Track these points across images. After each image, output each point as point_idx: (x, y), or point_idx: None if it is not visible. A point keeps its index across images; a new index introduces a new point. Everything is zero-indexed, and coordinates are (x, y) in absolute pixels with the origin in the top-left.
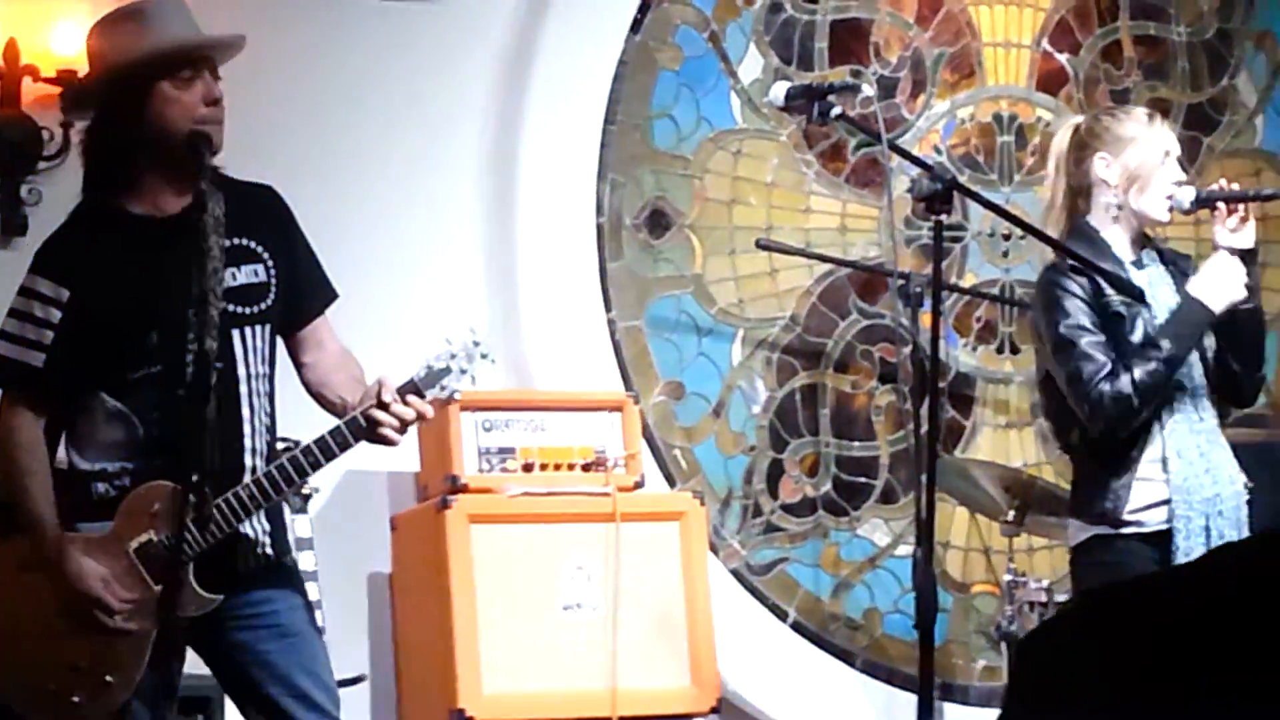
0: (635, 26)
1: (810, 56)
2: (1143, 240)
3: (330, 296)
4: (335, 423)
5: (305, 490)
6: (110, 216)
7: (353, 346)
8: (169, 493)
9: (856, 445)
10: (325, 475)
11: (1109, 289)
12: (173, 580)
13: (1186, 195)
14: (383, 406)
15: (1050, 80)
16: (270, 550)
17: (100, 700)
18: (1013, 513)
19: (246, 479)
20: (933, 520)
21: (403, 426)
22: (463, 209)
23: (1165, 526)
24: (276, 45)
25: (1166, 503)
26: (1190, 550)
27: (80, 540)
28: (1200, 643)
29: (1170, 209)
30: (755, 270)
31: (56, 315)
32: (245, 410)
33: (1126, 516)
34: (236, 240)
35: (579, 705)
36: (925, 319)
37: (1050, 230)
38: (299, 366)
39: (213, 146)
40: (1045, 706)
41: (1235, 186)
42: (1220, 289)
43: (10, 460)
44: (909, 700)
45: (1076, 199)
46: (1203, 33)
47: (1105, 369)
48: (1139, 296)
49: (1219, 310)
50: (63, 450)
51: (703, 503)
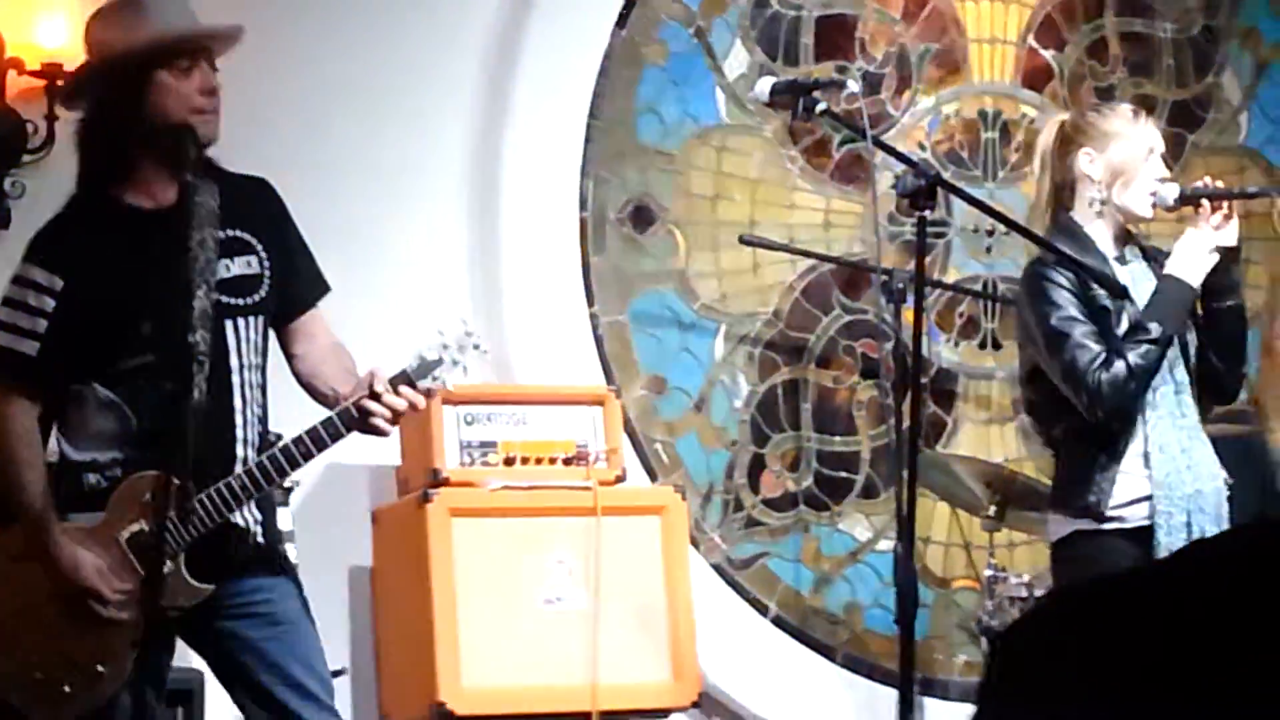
0: (621, 21)
1: (796, 52)
2: (1125, 236)
3: (323, 289)
4: (326, 414)
5: (286, 483)
6: (105, 206)
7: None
8: (160, 483)
9: (838, 440)
10: (306, 468)
11: (1094, 285)
12: (155, 571)
13: (1170, 192)
14: (375, 397)
15: (1035, 77)
16: (262, 539)
17: (92, 690)
18: (994, 508)
19: (238, 469)
20: (914, 515)
21: (395, 417)
22: (447, 203)
23: (1147, 522)
24: (261, 40)
25: (1148, 499)
26: (1172, 546)
27: (74, 530)
28: (1180, 637)
29: (1154, 205)
30: (738, 266)
31: (50, 304)
32: (238, 401)
33: (1109, 512)
34: (230, 232)
35: (559, 699)
36: (908, 315)
37: (1036, 227)
38: (290, 358)
39: (201, 139)
40: (1020, 703)
41: (1219, 184)
42: (1193, 263)
43: (4, 450)
44: (890, 695)
45: (1061, 195)
46: (1188, 30)
47: (1100, 357)
48: (1123, 293)
49: (1196, 284)
50: (54, 441)
51: (684, 497)
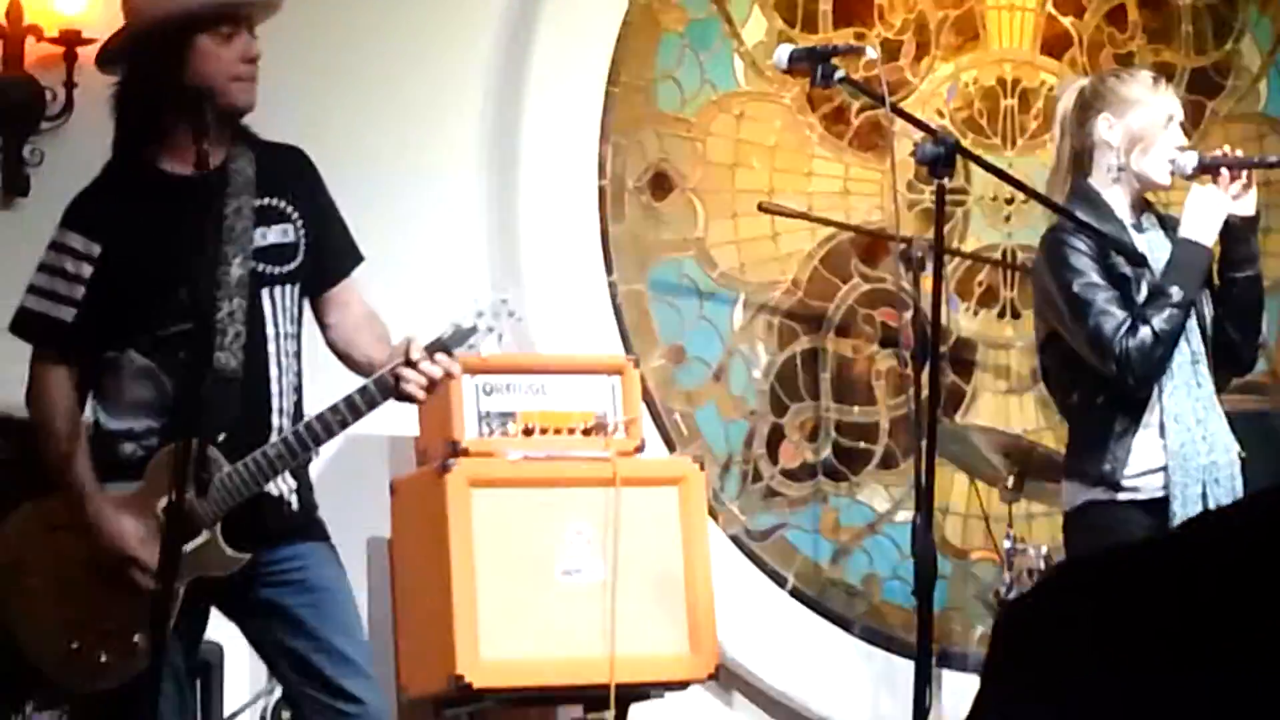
0: None
1: (814, 19)
2: (1142, 204)
3: (356, 258)
4: (358, 383)
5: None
6: (142, 172)
7: None
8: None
9: (857, 410)
10: None
11: (1113, 252)
12: (176, 541)
13: (1189, 160)
14: (411, 365)
15: (1054, 44)
16: (298, 505)
17: (128, 660)
18: (1012, 479)
19: (274, 438)
20: (932, 486)
21: (430, 385)
22: (465, 171)
23: (1162, 493)
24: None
25: (1163, 469)
26: (1187, 517)
27: (113, 499)
28: (1194, 607)
29: (1172, 173)
30: (757, 234)
31: (88, 270)
32: (274, 369)
33: (1124, 482)
34: (266, 200)
35: (577, 671)
36: (927, 283)
37: (1054, 193)
38: (324, 327)
39: (239, 106)
40: (1029, 676)
41: (1239, 153)
42: (1206, 222)
43: (44, 417)
44: (907, 666)
45: (1079, 160)
46: None
47: (1126, 324)
48: (1142, 261)
49: (1210, 243)
50: (90, 410)
51: (702, 467)
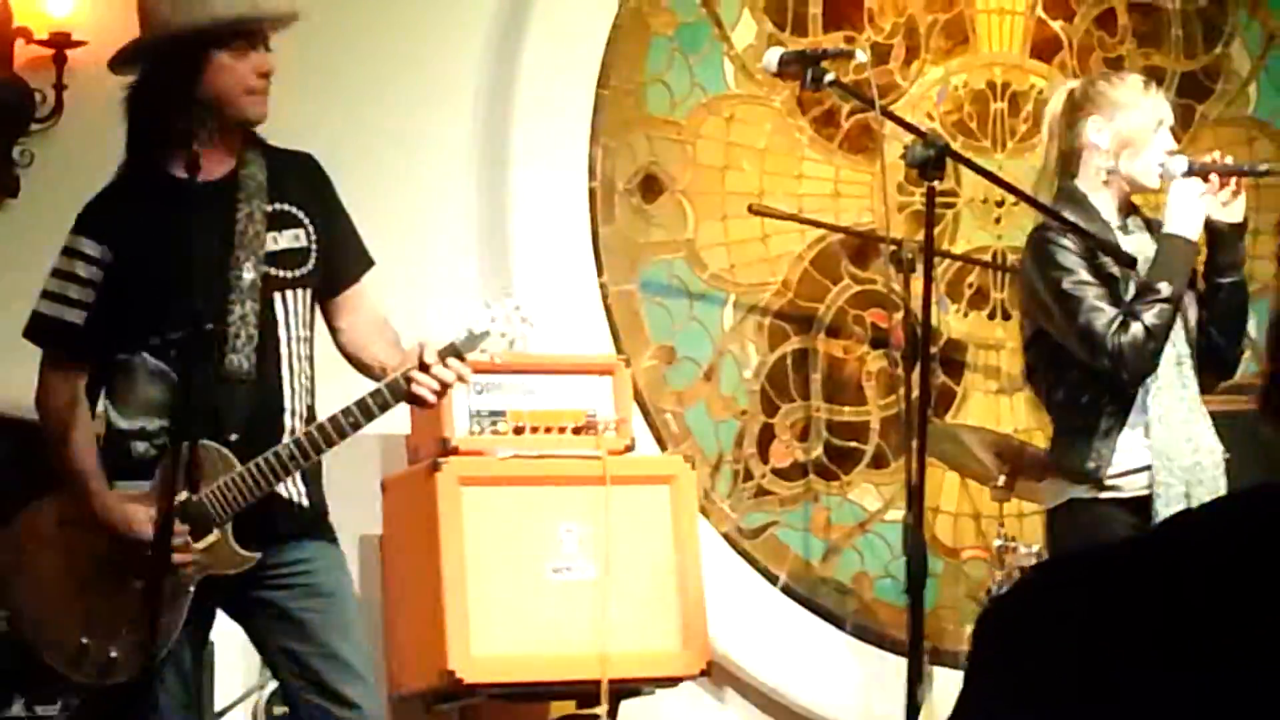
0: None
1: (804, 22)
2: (1129, 207)
3: (367, 263)
4: (369, 386)
5: None
6: (154, 178)
7: None
8: (208, 452)
9: (847, 410)
10: None
11: (1100, 253)
12: (164, 535)
13: (1178, 165)
14: (424, 368)
15: (1044, 47)
16: (308, 505)
17: (136, 657)
18: (1003, 478)
19: (286, 440)
20: (923, 485)
21: (442, 389)
22: (456, 173)
23: (1145, 493)
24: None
25: (1147, 469)
26: None
27: (123, 496)
28: (1178, 604)
29: (1161, 176)
30: (747, 235)
31: (99, 275)
32: (285, 372)
33: (1108, 481)
34: (278, 205)
35: (568, 668)
36: (917, 285)
37: (1042, 193)
38: (335, 331)
39: (251, 118)
40: (1009, 676)
41: (1229, 159)
42: (1188, 216)
43: (51, 416)
44: (898, 664)
45: (1067, 162)
46: (1197, 0)
47: (1117, 320)
48: (1131, 263)
49: (1195, 236)
50: (102, 410)
51: (693, 466)
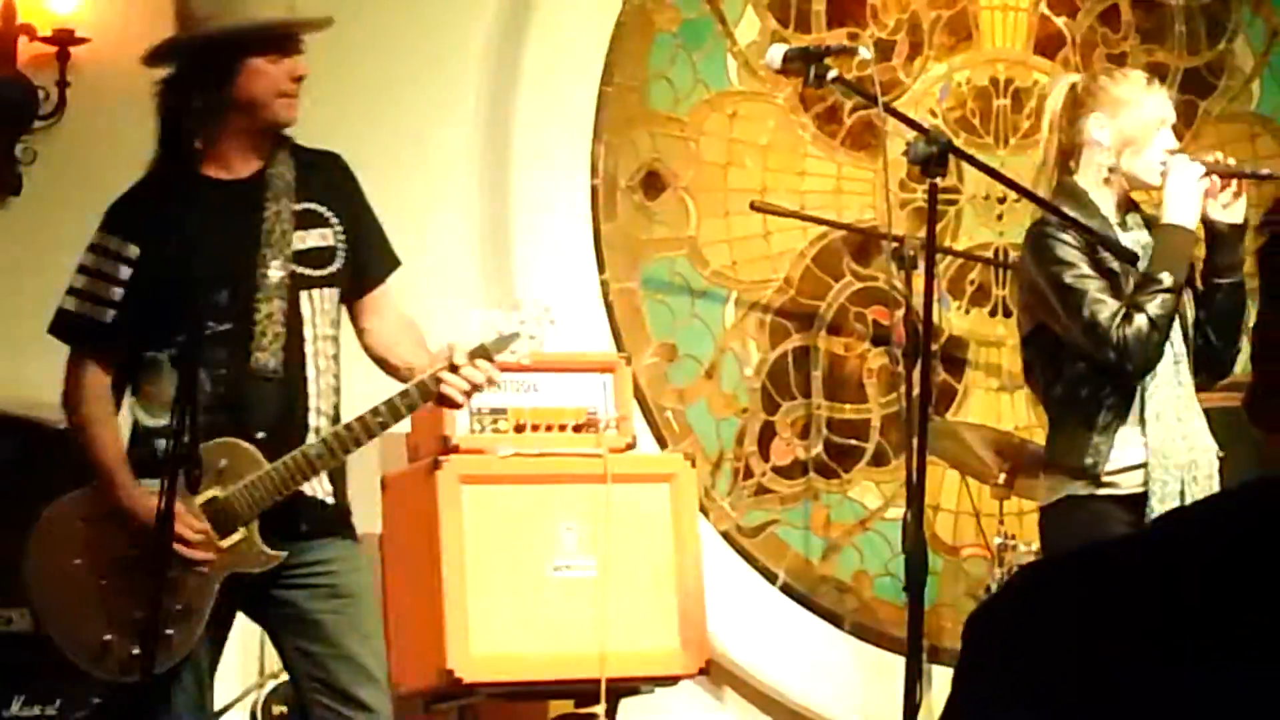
0: None
1: (807, 19)
2: (1129, 204)
3: (394, 263)
4: (401, 386)
5: None
6: (182, 177)
7: None
8: (235, 449)
9: (848, 408)
10: None
11: (1100, 249)
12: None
13: (1187, 167)
14: (453, 369)
15: (1047, 44)
16: (333, 503)
17: (162, 653)
18: (1003, 476)
19: (311, 439)
20: (923, 483)
21: (472, 390)
22: (458, 169)
23: (1141, 490)
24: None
25: (1143, 466)
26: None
27: (149, 492)
28: (1166, 605)
29: (1162, 174)
30: (749, 232)
31: (126, 272)
32: (311, 370)
33: (1104, 477)
34: (306, 205)
35: (568, 666)
36: (918, 282)
37: (1041, 188)
38: (360, 331)
39: (282, 121)
40: (999, 678)
41: (1231, 160)
42: (1185, 205)
43: (79, 412)
44: (897, 662)
45: (1067, 158)
46: None
47: (1121, 312)
48: (1133, 259)
49: (1193, 225)
50: (128, 409)
51: (694, 464)
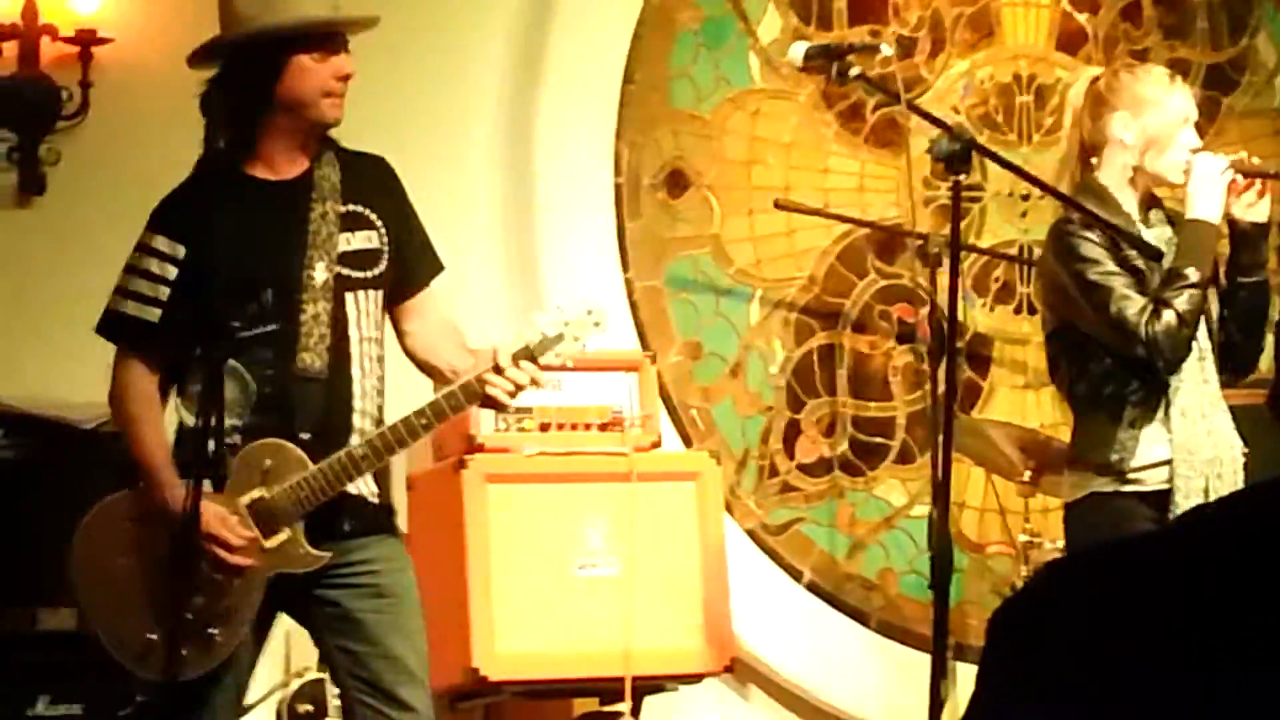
0: None
1: (829, 16)
2: (1151, 201)
3: (438, 267)
4: (445, 388)
5: None
6: (229, 177)
7: None
8: (280, 450)
9: (873, 405)
10: None
11: (1125, 246)
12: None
13: (1214, 164)
14: (498, 371)
15: (1069, 40)
16: (378, 500)
17: (205, 654)
18: (1029, 473)
19: (355, 440)
20: (949, 481)
21: (516, 391)
22: (482, 169)
23: (1165, 486)
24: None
25: (1168, 463)
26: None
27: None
28: (1189, 605)
29: (1185, 172)
30: (773, 230)
31: (173, 272)
32: (356, 371)
33: (1129, 474)
34: (351, 207)
35: (593, 664)
36: (943, 279)
37: (1064, 184)
38: (402, 335)
39: (329, 121)
40: (1023, 676)
41: (1256, 160)
42: (1210, 199)
43: (125, 411)
44: (923, 660)
45: (1088, 154)
46: None
47: (1149, 308)
48: (1157, 256)
49: (1217, 219)
50: (173, 409)
51: (719, 462)
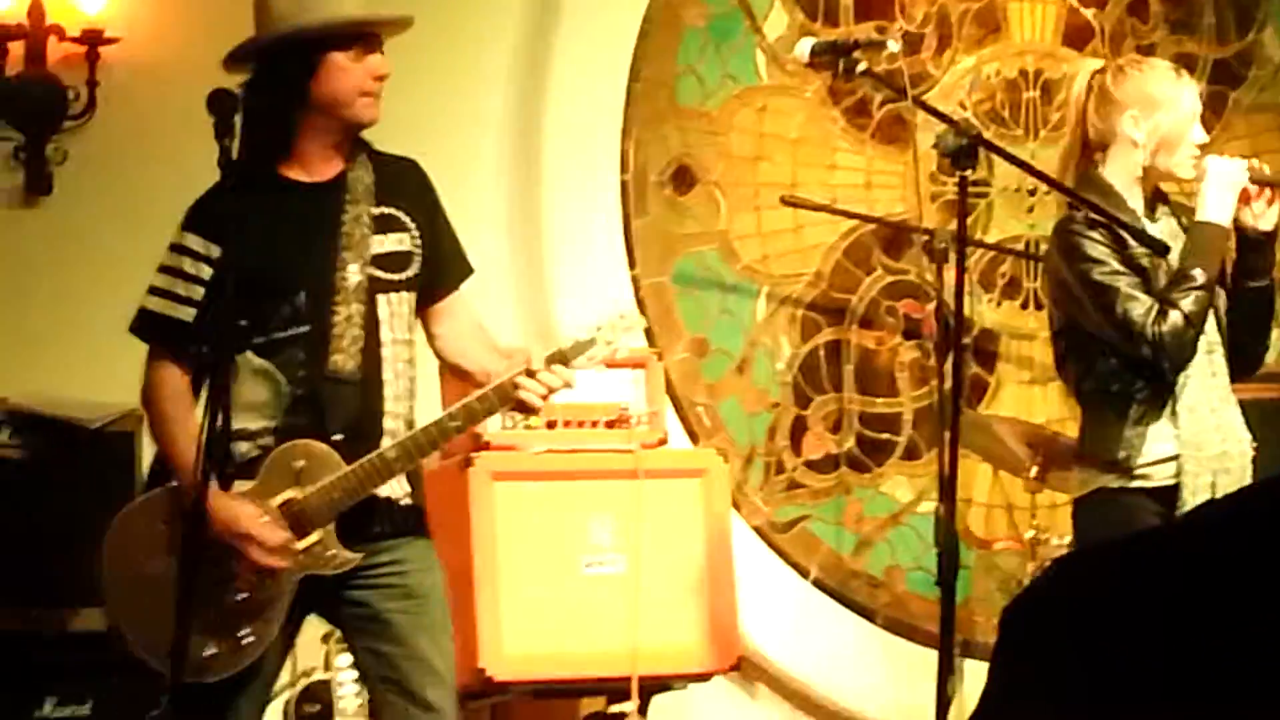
0: None
1: (836, 12)
2: (1157, 195)
3: (467, 271)
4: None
5: None
6: (264, 177)
7: None
8: (313, 451)
9: (880, 401)
10: None
11: (1131, 241)
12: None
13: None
14: (530, 374)
15: (1076, 35)
16: (409, 501)
17: (236, 655)
18: (1036, 469)
19: (386, 442)
20: (955, 477)
21: (548, 395)
22: (489, 166)
23: (1173, 482)
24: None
25: (1175, 458)
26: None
27: (228, 494)
28: (1195, 600)
29: (1195, 168)
30: (780, 226)
31: (207, 272)
32: (388, 373)
33: (1137, 470)
34: (384, 209)
35: (600, 663)
36: (949, 275)
37: (1067, 177)
38: (432, 337)
39: (365, 120)
40: (1033, 670)
41: (1267, 169)
42: (1221, 202)
43: (157, 410)
44: (930, 657)
45: (1092, 148)
46: None
47: (1155, 309)
48: (1164, 251)
49: (1228, 222)
50: (204, 409)
51: (726, 459)
